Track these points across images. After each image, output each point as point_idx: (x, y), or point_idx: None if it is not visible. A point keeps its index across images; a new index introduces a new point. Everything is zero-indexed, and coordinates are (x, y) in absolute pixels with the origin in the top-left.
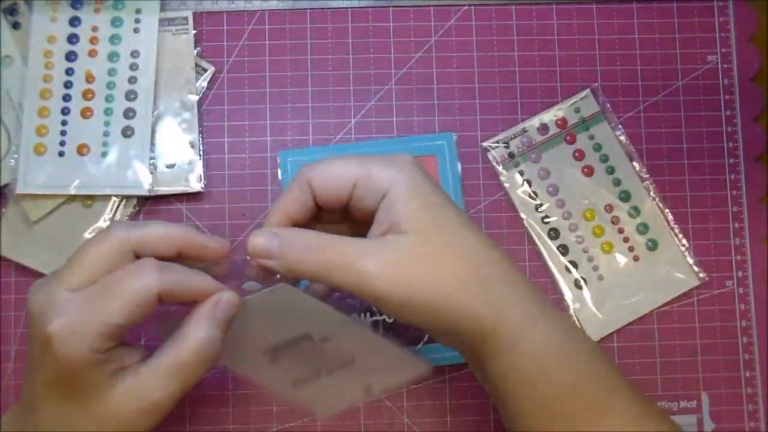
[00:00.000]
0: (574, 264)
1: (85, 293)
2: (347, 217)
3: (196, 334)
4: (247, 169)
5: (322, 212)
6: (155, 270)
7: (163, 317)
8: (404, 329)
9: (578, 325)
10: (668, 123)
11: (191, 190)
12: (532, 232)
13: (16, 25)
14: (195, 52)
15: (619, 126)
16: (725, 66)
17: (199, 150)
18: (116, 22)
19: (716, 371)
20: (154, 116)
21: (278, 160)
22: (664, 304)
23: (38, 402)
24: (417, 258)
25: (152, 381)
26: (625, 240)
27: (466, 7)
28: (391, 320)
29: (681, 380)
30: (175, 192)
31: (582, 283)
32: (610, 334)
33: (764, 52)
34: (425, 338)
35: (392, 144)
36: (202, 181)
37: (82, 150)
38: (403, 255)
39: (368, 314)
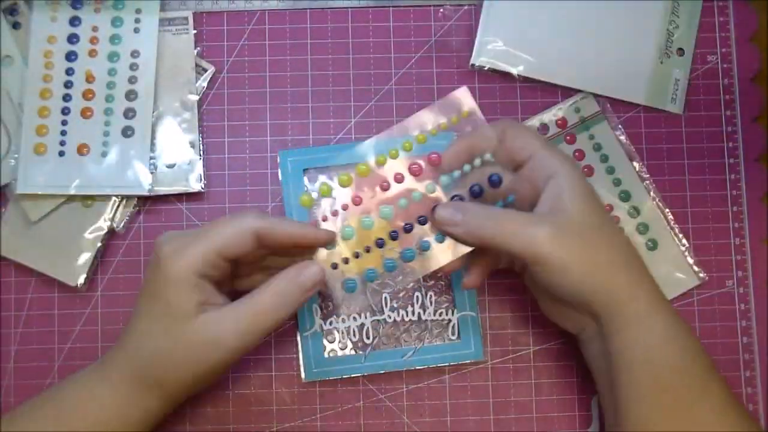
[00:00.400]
0: None
1: (196, 229)
2: None
3: (275, 289)
4: (247, 169)
5: None
6: (255, 212)
7: None
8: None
9: None
10: (668, 123)
11: (191, 190)
12: None
13: (16, 25)
14: (195, 52)
15: (619, 126)
16: (725, 66)
17: (199, 150)
18: (116, 22)
19: None
20: (155, 116)
21: (278, 160)
22: None
23: (133, 319)
24: (577, 234)
25: (228, 318)
26: None
27: (466, 7)
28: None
29: None
30: (176, 192)
31: None
32: None
33: (764, 52)
34: (425, 341)
35: (395, 142)
36: (202, 181)
37: (82, 150)
38: (567, 229)
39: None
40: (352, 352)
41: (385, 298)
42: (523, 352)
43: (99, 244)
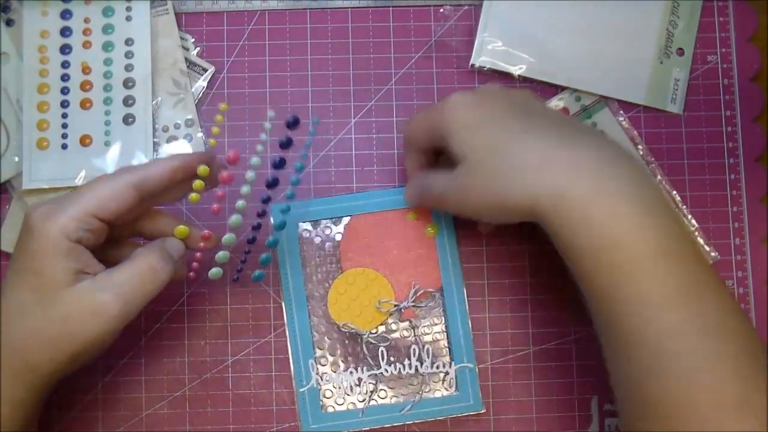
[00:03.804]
0: None
1: (70, 192)
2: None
3: (146, 256)
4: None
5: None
6: (128, 166)
7: None
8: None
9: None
10: (668, 123)
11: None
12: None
13: (9, 22)
14: (195, 52)
15: (620, 111)
16: (725, 66)
17: (200, 126)
18: (107, 11)
19: None
20: (154, 105)
21: (271, 215)
22: None
23: (3, 291)
24: (471, 178)
25: (107, 284)
26: None
27: (466, 7)
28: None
29: None
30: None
31: None
32: None
33: (764, 52)
34: (423, 393)
35: (390, 194)
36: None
37: (85, 141)
38: (461, 180)
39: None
40: (350, 407)
41: (382, 351)
42: (523, 352)
43: None
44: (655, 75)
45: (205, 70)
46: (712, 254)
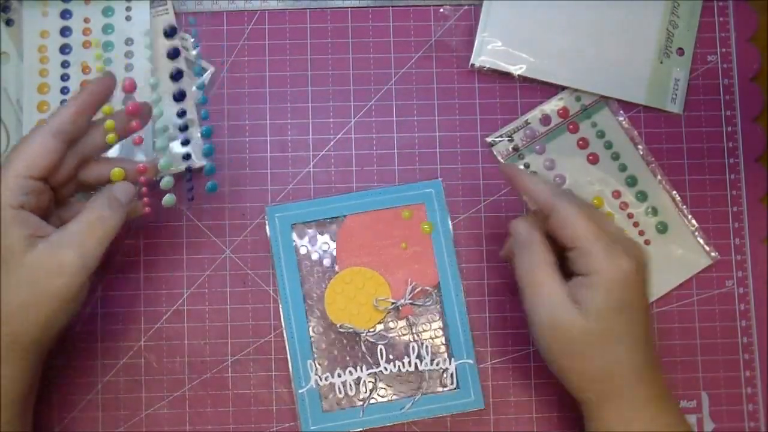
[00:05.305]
0: None
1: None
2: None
3: (92, 206)
4: (247, 169)
5: None
6: (42, 120)
7: None
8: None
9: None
10: (668, 123)
11: (196, 165)
12: None
13: (9, 22)
14: (195, 52)
15: (620, 111)
16: (725, 66)
17: (199, 128)
18: (107, 11)
19: (716, 371)
20: (157, 104)
21: (266, 217)
22: (665, 303)
23: None
24: (564, 340)
25: (62, 240)
26: (635, 224)
27: (466, 7)
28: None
29: (681, 380)
30: (180, 171)
31: None
32: None
33: (764, 52)
34: (423, 390)
35: (380, 194)
36: (205, 158)
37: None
38: (560, 331)
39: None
40: (350, 406)
41: (381, 349)
42: (523, 352)
43: None
44: (655, 75)
45: (205, 70)
46: (713, 254)
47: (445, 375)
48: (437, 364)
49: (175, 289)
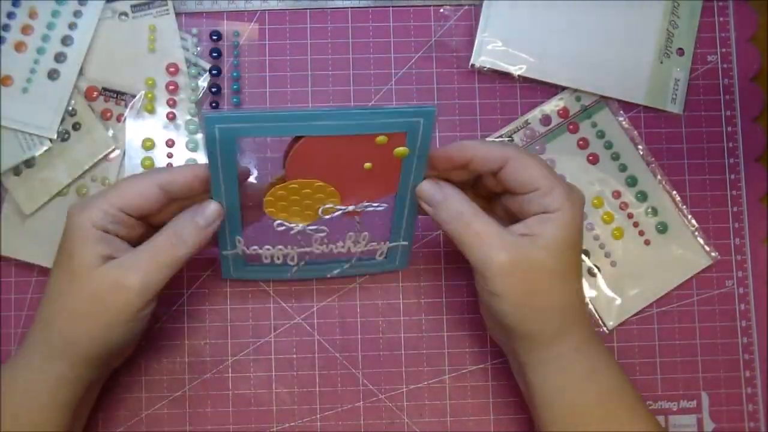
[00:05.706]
0: (586, 252)
1: (107, 187)
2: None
3: (172, 227)
4: None
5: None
6: (158, 168)
7: None
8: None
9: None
10: (668, 123)
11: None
12: None
13: None
14: (195, 47)
15: (621, 111)
16: (725, 66)
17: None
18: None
19: (716, 371)
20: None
21: (204, 127)
22: (665, 303)
23: (48, 281)
24: (528, 273)
25: (128, 261)
26: (635, 225)
27: (466, 7)
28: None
29: (681, 380)
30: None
31: (596, 270)
32: (628, 318)
33: (764, 52)
34: (353, 260)
35: (358, 117)
36: None
37: (6, 81)
38: (523, 266)
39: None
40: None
41: (316, 237)
42: None
43: None
44: (655, 75)
45: (206, 70)
46: (713, 254)
47: (378, 253)
48: (371, 247)
49: (175, 289)
